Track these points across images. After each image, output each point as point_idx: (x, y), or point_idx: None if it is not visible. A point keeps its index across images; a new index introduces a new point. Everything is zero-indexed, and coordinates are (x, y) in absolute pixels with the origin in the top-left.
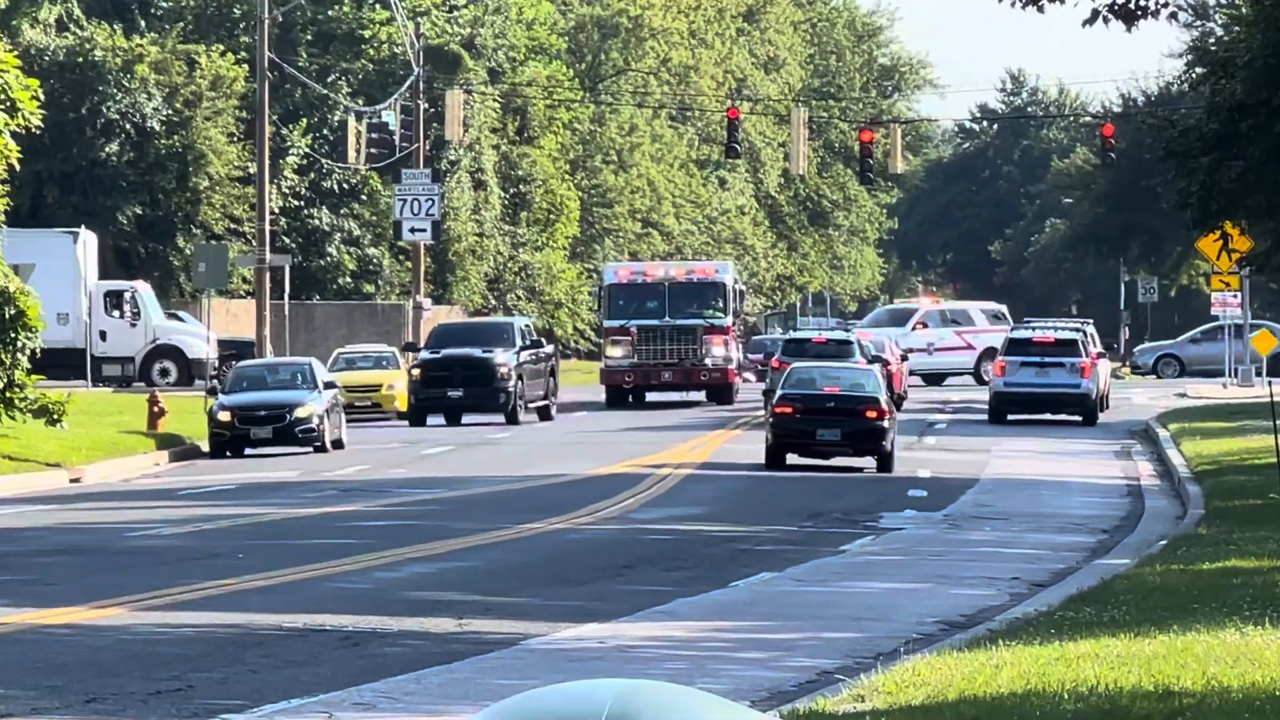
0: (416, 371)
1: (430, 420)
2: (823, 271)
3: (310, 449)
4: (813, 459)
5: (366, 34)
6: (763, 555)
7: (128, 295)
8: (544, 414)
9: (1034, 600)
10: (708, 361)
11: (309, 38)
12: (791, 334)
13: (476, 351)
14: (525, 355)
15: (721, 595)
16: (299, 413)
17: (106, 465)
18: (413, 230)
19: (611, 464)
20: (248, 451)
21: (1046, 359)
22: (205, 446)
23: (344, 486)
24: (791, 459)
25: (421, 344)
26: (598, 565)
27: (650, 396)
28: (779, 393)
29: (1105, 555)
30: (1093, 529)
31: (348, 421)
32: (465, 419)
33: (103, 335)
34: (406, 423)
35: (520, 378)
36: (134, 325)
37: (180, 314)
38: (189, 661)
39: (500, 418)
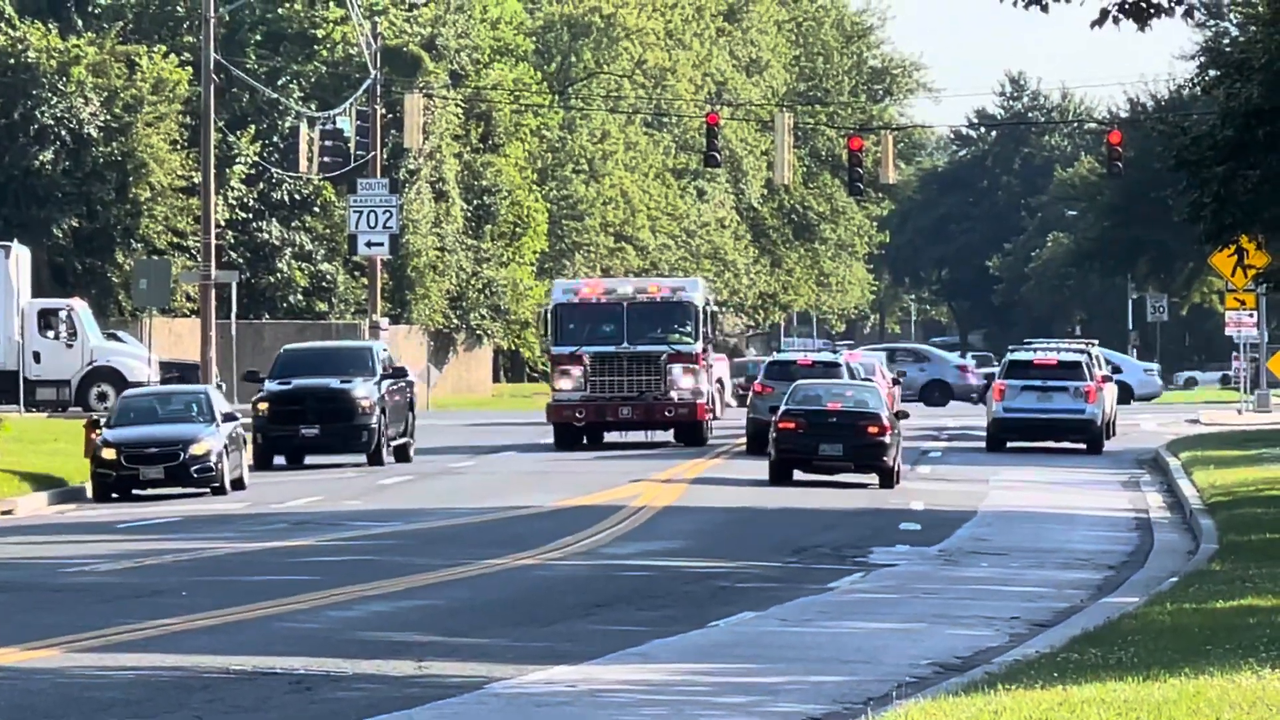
0: (263, 406)
1: (275, 461)
2: (808, 289)
3: (207, 490)
4: (816, 475)
5: (319, 34)
6: (745, 593)
7: (63, 314)
8: (402, 454)
9: (1035, 641)
10: (672, 395)
11: (258, 38)
12: (776, 355)
13: (333, 382)
14: (387, 385)
15: (701, 636)
16: (195, 449)
17: (40, 497)
18: (369, 244)
19: (582, 495)
20: (135, 493)
21: (1049, 382)
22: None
23: (295, 519)
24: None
25: (264, 373)
26: (567, 604)
27: (610, 436)
28: (782, 408)
29: (1112, 593)
30: (1098, 565)
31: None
32: (310, 459)
33: (36, 357)
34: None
35: (384, 411)
36: (70, 346)
37: (120, 334)
38: (130, 706)
39: (360, 458)
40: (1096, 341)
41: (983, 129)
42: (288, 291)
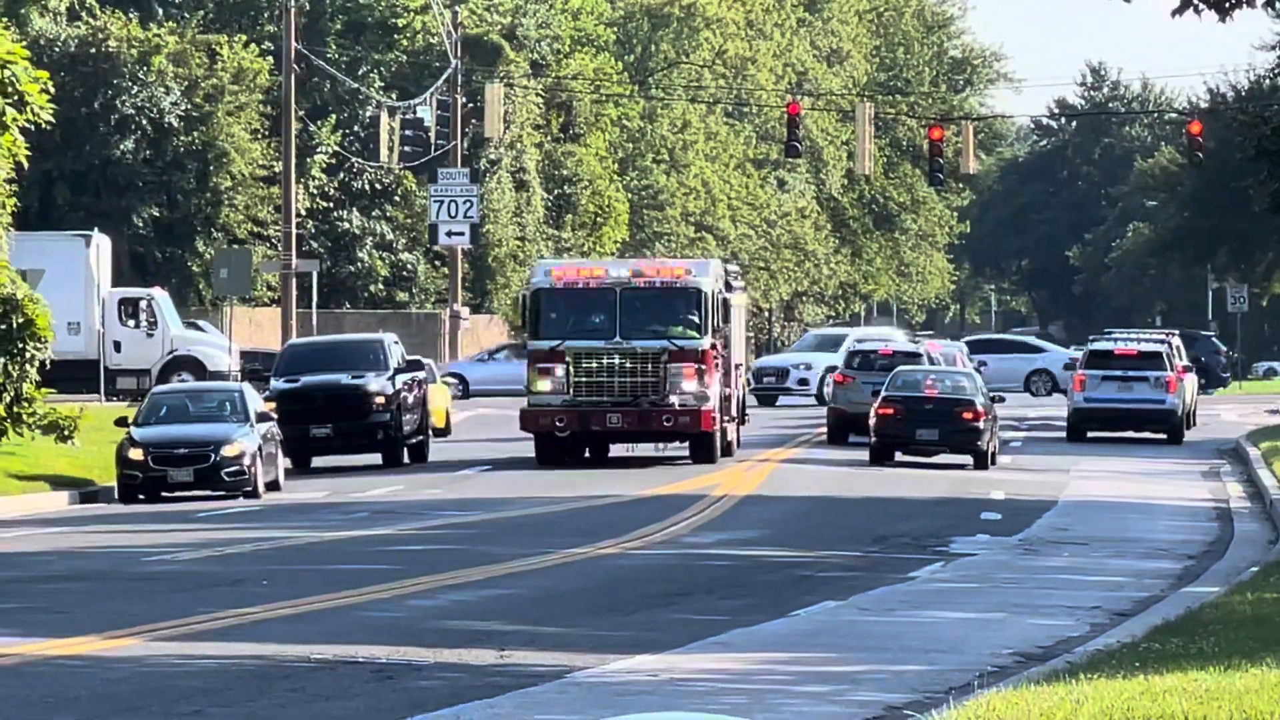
0: (270, 405)
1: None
2: (889, 279)
3: (238, 495)
4: (914, 457)
5: (400, 23)
6: (825, 582)
7: (144, 303)
8: (418, 453)
9: (1116, 631)
10: (673, 400)
11: (338, 27)
12: (857, 346)
13: (344, 378)
14: (401, 380)
15: (781, 625)
16: (226, 451)
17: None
18: (450, 234)
19: (661, 485)
20: (164, 496)
21: (1129, 373)
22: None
23: (376, 508)
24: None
25: (269, 370)
26: (649, 593)
27: (611, 449)
28: (882, 394)
29: (1192, 583)
30: (1179, 555)
31: None
32: (318, 461)
33: (117, 346)
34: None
35: (398, 408)
36: (150, 335)
37: (200, 323)
38: (210, 695)
39: (375, 457)
40: (1176, 332)
41: (1063, 119)
42: (368, 281)
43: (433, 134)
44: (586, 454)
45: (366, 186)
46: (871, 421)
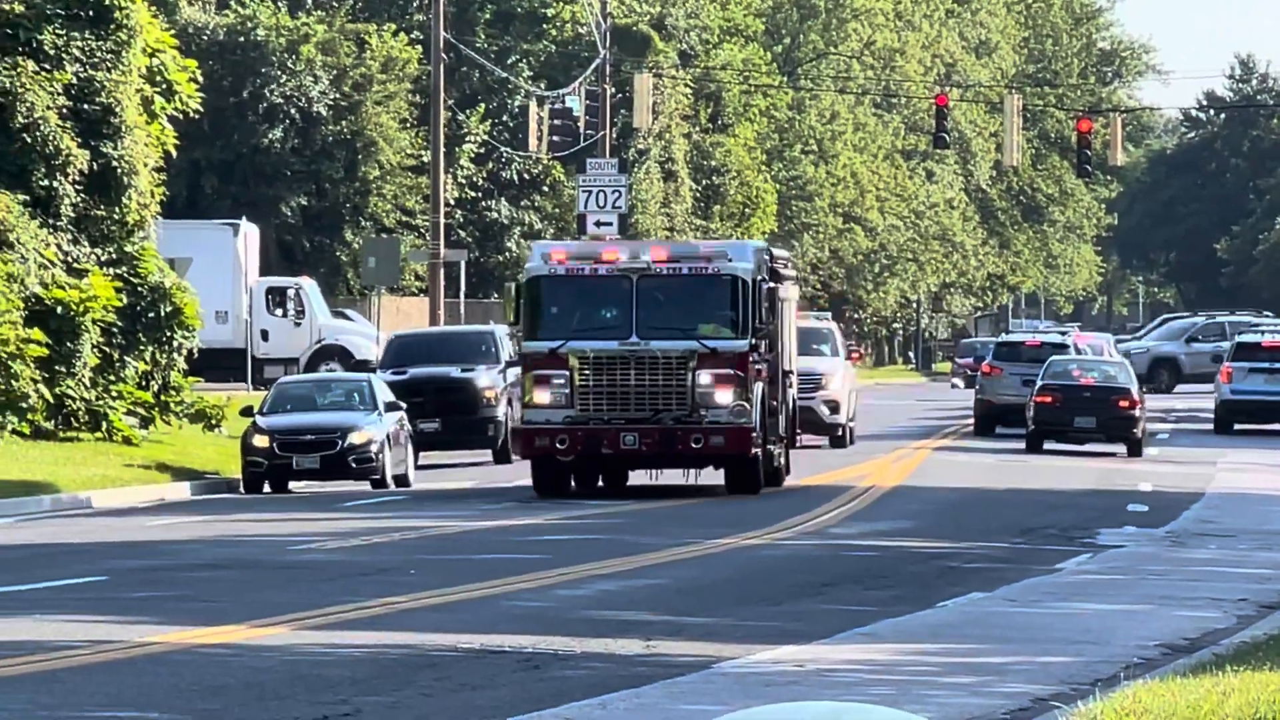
0: None
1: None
2: (1037, 271)
3: (366, 483)
4: (1069, 445)
5: (549, 13)
6: (972, 574)
7: (291, 292)
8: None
9: (1263, 623)
10: (704, 415)
11: (487, 17)
12: (1004, 337)
13: (453, 371)
14: (514, 373)
15: (928, 616)
16: (354, 438)
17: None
18: (598, 224)
19: (809, 475)
20: (291, 485)
21: (1277, 365)
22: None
23: (523, 497)
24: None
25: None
26: (795, 583)
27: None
28: (1038, 384)
29: None
30: None
31: None
32: (423, 459)
33: (264, 335)
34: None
35: (510, 402)
36: (298, 324)
37: (348, 312)
38: (357, 684)
39: (486, 454)
40: None
41: (1212, 111)
42: (516, 271)
43: (581, 124)
44: (600, 483)
45: (515, 176)
46: (1029, 410)
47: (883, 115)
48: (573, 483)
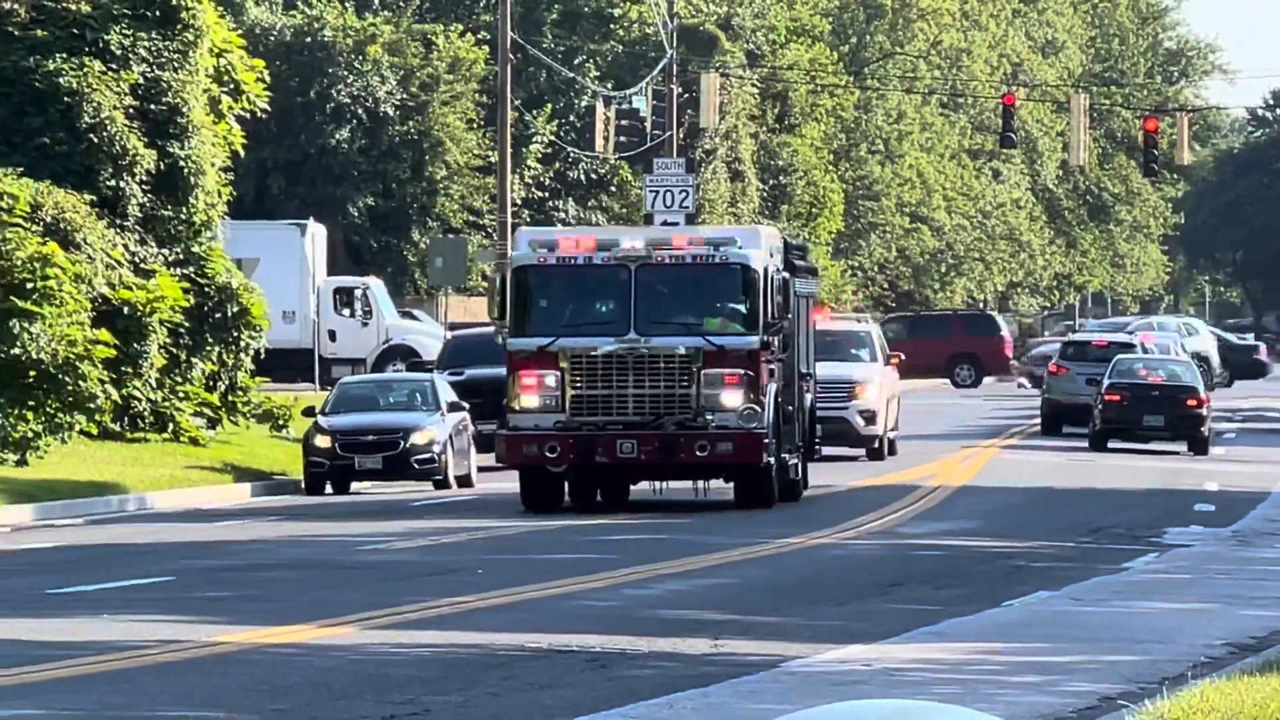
0: None
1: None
2: (1103, 270)
3: (429, 483)
4: (1135, 444)
5: (615, 13)
6: (1039, 573)
7: (359, 292)
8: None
9: None
10: (710, 420)
11: (554, 17)
12: (1071, 337)
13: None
14: None
15: (995, 615)
16: (416, 438)
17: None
18: (665, 224)
19: (876, 475)
20: (353, 486)
21: None
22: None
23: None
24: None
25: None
26: (862, 583)
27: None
28: (1106, 382)
29: None
30: None
31: None
32: (484, 460)
33: (332, 335)
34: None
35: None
36: (365, 324)
37: (415, 312)
38: (424, 684)
39: None
40: None
41: (1278, 110)
42: None
43: (648, 124)
44: (598, 496)
45: (582, 176)
46: (1095, 408)
47: (949, 115)
48: (566, 496)
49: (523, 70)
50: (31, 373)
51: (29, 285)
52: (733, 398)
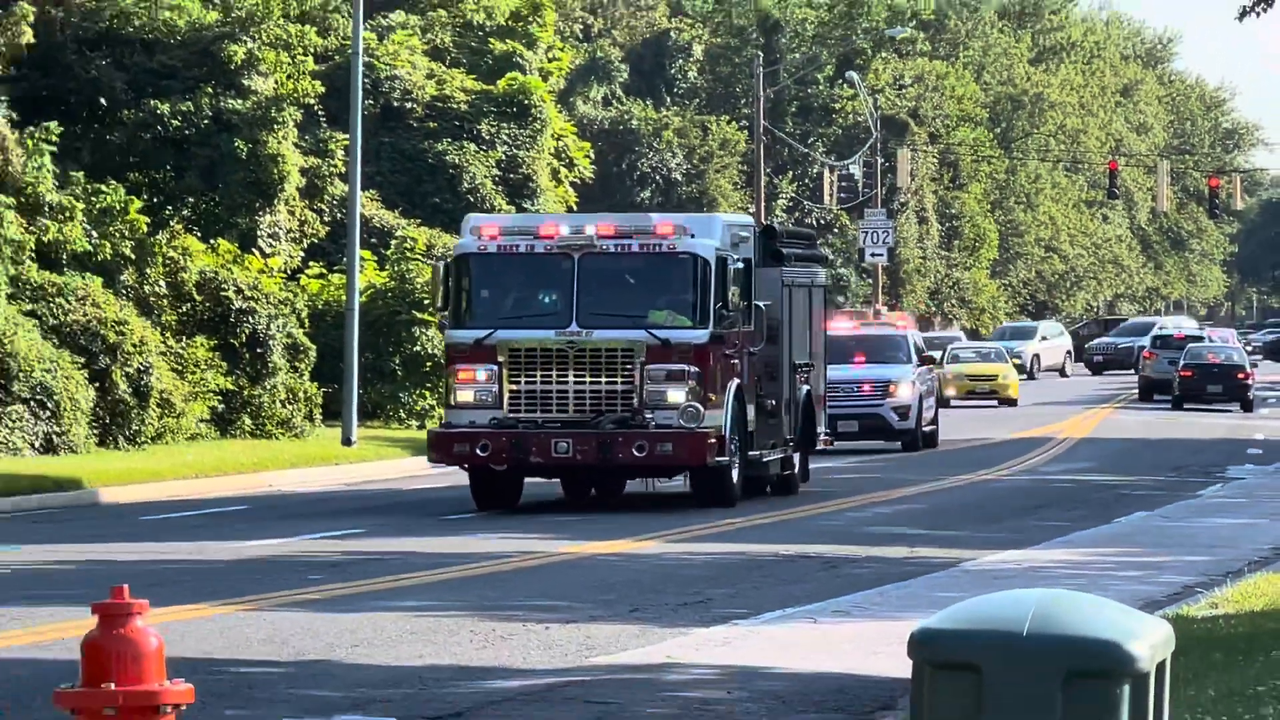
0: None
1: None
2: (1180, 284)
3: None
4: (1202, 405)
5: (837, 106)
6: (1138, 499)
7: None
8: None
9: None
10: (651, 418)
11: (793, 110)
12: (1158, 331)
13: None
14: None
15: (1108, 529)
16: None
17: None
18: (872, 255)
19: (1022, 430)
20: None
21: None
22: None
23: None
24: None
25: None
26: (1015, 506)
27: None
28: (1182, 363)
29: None
30: None
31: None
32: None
33: None
34: (1011, 409)
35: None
36: None
37: None
38: (707, 581)
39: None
40: None
41: None
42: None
43: (860, 185)
44: (519, 500)
45: (815, 222)
46: (1175, 381)
47: (1071, 176)
48: (562, 491)
49: (771, 148)
50: (427, 364)
51: (424, 302)
52: (676, 395)
